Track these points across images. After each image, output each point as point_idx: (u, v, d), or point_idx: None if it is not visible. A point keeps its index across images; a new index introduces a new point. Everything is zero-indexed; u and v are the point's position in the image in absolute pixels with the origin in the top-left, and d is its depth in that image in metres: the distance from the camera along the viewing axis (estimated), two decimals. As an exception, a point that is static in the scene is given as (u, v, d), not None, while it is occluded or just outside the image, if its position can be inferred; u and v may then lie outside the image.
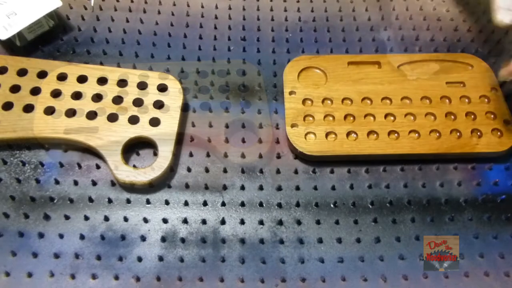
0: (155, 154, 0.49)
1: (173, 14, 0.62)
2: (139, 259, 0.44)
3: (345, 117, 0.52)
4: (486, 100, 0.53)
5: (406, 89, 0.54)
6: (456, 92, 0.53)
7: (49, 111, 0.50)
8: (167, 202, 0.47)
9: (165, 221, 0.46)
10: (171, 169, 0.49)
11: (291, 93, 0.53)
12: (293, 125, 0.51)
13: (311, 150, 0.49)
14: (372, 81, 0.54)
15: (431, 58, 0.57)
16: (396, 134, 0.51)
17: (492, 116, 0.52)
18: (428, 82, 0.54)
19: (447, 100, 0.53)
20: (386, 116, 0.52)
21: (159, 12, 0.62)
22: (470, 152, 0.49)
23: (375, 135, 0.50)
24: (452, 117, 0.52)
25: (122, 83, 0.52)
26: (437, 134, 0.50)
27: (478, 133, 0.50)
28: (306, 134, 0.50)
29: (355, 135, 0.50)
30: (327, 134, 0.50)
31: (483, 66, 0.56)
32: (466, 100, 0.53)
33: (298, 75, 0.55)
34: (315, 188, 0.49)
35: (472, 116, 0.52)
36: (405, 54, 0.58)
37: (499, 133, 0.51)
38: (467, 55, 0.57)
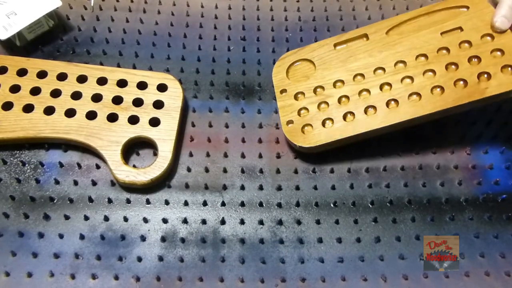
0: (155, 154, 0.49)
1: (173, 14, 0.62)
2: (139, 259, 0.44)
3: (339, 100, 0.50)
4: (489, 38, 0.48)
5: (399, 52, 0.51)
6: (453, 39, 0.49)
7: (49, 111, 0.50)
8: (167, 202, 0.47)
9: (165, 221, 0.46)
10: (171, 169, 0.49)
11: (282, 91, 0.52)
12: (288, 122, 0.50)
13: (310, 143, 0.48)
14: (362, 55, 0.52)
15: (420, 13, 0.53)
16: (394, 102, 0.48)
17: (499, 53, 0.47)
18: (421, 39, 0.51)
19: (444, 51, 0.49)
20: (381, 87, 0.49)
21: (159, 12, 0.62)
22: (481, 98, 0.45)
23: (372, 109, 0.48)
24: (454, 67, 0.48)
25: (122, 83, 0.52)
26: (440, 89, 0.47)
27: (486, 76, 0.46)
28: (302, 128, 0.49)
29: (351, 116, 0.49)
30: (323, 122, 0.49)
31: (480, 3, 0.50)
32: (467, 45, 0.49)
33: (286, 72, 0.54)
34: (315, 187, 0.49)
35: (476, 60, 0.48)
36: (391, 18, 0.54)
37: (510, 69, 0.46)
38: None
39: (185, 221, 0.46)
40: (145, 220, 0.46)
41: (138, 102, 0.51)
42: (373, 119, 0.48)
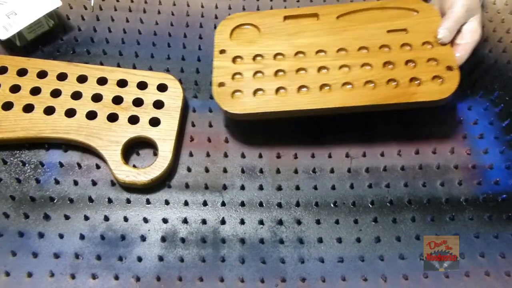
0: (155, 154, 0.49)
1: (173, 14, 0.62)
2: (139, 259, 0.44)
3: (276, 73, 0.50)
4: (429, 46, 0.50)
5: (344, 40, 0.51)
6: (397, 39, 0.51)
7: (49, 111, 0.50)
8: (167, 202, 0.47)
9: (165, 221, 0.46)
10: (171, 169, 0.49)
11: (221, 52, 0.52)
12: (220, 84, 0.49)
13: (237, 109, 0.47)
14: (309, 34, 0.52)
15: (374, 7, 0.54)
16: (327, 87, 0.48)
17: (434, 62, 0.49)
18: (368, 31, 0.52)
19: (386, 49, 0.51)
20: (319, 69, 0.50)
21: (159, 12, 0.62)
22: (408, 102, 0.47)
23: (305, 89, 0.48)
24: (390, 66, 0.49)
25: (122, 83, 0.52)
26: (372, 84, 0.48)
27: (417, 82, 0.48)
28: (233, 93, 0.49)
29: (284, 91, 0.48)
30: (255, 92, 0.49)
31: (430, 11, 0.52)
32: (408, 48, 0.50)
33: (230, 33, 0.53)
34: (315, 187, 0.49)
35: (412, 64, 0.49)
36: (345, 4, 0.55)
37: (440, 80, 0.48)
38: (412, 0, 0.53)
39: (185, 221, 0.46)
40: (145, 220, 0.46)
41: (138, 102, 0.51)
42: (304, 99, 0.48)
